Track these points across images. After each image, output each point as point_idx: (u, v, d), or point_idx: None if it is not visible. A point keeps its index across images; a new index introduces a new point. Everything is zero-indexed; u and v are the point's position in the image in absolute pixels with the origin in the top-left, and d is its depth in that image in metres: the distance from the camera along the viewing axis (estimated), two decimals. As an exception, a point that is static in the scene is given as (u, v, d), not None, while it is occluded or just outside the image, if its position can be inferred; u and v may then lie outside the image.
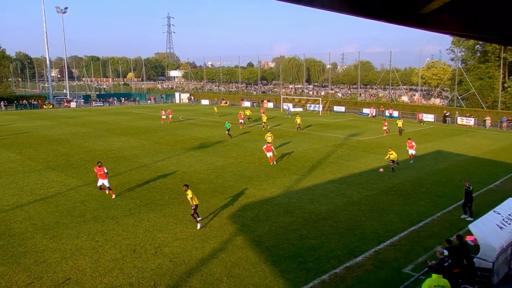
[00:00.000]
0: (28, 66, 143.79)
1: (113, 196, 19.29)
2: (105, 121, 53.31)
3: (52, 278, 11.69)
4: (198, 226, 15.57)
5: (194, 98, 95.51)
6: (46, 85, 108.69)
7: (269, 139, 29.32)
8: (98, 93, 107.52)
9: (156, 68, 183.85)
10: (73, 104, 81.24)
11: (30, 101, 78.67)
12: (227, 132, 38.13)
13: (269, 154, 26.48)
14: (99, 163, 19.50)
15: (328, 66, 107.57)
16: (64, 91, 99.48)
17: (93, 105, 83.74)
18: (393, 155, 24.10)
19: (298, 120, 43.84)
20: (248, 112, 53.33)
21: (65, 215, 16.83)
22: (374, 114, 58.70)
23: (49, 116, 60.02)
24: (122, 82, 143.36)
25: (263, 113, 48.39)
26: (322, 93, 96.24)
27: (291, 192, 20.36)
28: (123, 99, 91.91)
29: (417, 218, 16.75)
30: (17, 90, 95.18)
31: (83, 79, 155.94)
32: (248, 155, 29.71)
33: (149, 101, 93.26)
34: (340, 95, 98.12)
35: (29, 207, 17.92)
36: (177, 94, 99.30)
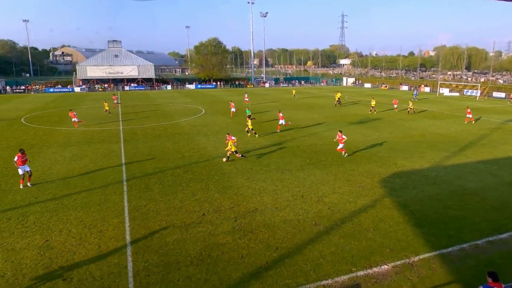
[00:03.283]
0: (239, 57, 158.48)
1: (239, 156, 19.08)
2: (288, 98, 55.62)
3: (246, 206, 13.15)
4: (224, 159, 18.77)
5: (359, 82, 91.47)
6: (249, 70, 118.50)
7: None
8: (284, 76, 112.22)
9: (329, 57, 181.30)
10: (267, 85, 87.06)
11: (239, 82, 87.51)
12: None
13: (340, 146, 19.88)
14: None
15: (491, 54, 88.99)
16: (261, 75, 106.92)
17: (281, 85, 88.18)
18: None
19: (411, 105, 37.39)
20: (339, 95, 46.26)
21: (256, 164, 18.50)
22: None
23: (251, 92, 65.63)
24: (303, 69, 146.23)
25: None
26: (482, 79, 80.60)
27: (439, 167, 18.03)
28: (302, 81, 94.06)
29: None
30: (231, 74, 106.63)
31: (275, 66, 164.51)
32: (401, 132, 27.32)
33: (322, 84, 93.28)
34: (501, 81, 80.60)
35: (234, 156, 20.25)
36: (344, 79, 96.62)
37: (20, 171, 15.24)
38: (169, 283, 8.62)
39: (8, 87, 72.04)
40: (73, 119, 29.78)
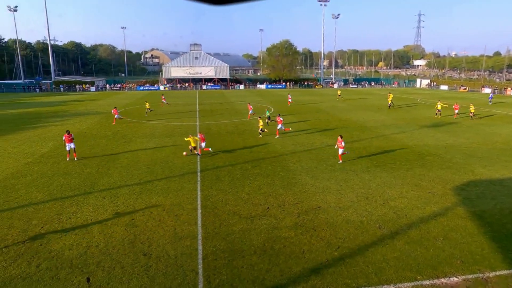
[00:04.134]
0: (309, 58, 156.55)
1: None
2: (356, 98, 53.46)
3: (309, 203, 12.99)
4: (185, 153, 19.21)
5: (434, 83, 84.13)
6: (318, 71, 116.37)
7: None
8: (354, 77, 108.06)
9: (402, 58, 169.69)
10: (335, 85, 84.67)
11: (307, 82, 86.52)
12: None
13: (341, 151, 18.22)
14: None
15: None
16: (330, 76, 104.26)
17: (349, 86, 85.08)
18: None
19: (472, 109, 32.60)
20: (391, 96, 42.51)
21: (321, 163, 18.14)
22: None
23: (318, 93, 64.50)
24: (373, 70, 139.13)
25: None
26: None
27: (525, 178, 15.82)
28: (372, 83, 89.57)
29: None
30: (300, 75, 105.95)
31: (345, 67, 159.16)
32: (481, 138, 24.48)
33: (393, 85, 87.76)
34: None
35: (299, 154, 20.11)
36: (418, 80, 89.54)
37: (67, 148, 18.54)
38: (234, 268, 8.91)
39: (107, 85, 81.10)
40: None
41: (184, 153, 19.59)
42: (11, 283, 8.38)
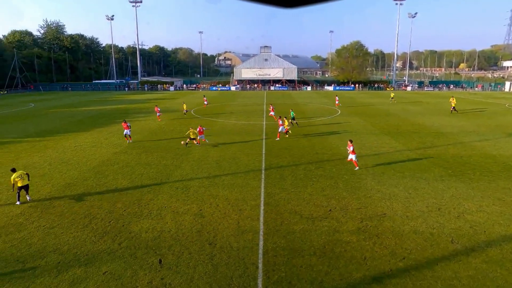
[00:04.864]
0: (380, 59, 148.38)
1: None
2: (432, 102, 49.15)
3: (374, 209, 12.33)
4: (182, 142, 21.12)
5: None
6: (390, 73, 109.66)
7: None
8: (430, 80, 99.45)
9: (489, 59, 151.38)
10: (408, 88, 78.87)
11: (378, 84, 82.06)
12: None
13: (351, 157, 16.92)
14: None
15: None
16: (403, 78, 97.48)
17: (425, 89, 78.53)
18: None
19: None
20: (454, 101, 37.64)
21: (388, 169, 17.02)
22: None
23: (389, 96, 60.85)
24: (453, 71, 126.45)
25: None
26: None
27: None
28: (451, 85, 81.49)
29: None
30: (370, 77, 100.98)
31: (420, 68, 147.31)
32: None
33: (476, 88, 78.71)
34: None
35: (366, 158, 19.12)
36: (507, 84, 78.84)
37: (124, 133, 23.05)
38: (293, 267, 8.87)
39: (184, 85, 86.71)
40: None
41: (182, 142, 22.13)
42: (98, 255, 9.45)
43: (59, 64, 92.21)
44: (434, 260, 9.10)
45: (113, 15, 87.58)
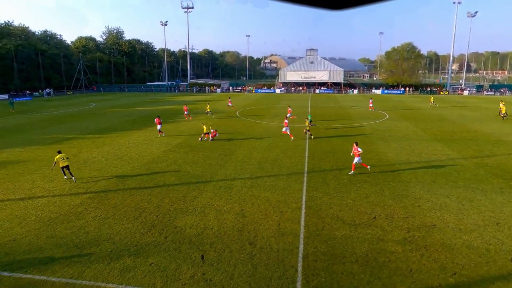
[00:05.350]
0: (434, 61, 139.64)
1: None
2: (492, 108, 45.10)
3: (422, 220, 11.61)
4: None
5: None
6: (445, 76, 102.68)
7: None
8: (491, 84, 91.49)
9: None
10: (465, 92, 73.25)
11: (430, 88, 77.22)
12: None
13: (356, 160, 16.36)
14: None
15: None
16: (460, 81, 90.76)
17: (484, 93, 72.38)
18: None
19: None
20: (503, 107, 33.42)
21: (440, 177, 15.97)
22: None
23: (443, 100, 56.99)
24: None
25: None
26: None
27: None
28: (515, 89, 74.19)
29: None
30: (422, 80, 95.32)
31: (479, 71, 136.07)
32: None
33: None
34: None
35: (415, 165, 18.11)
36: None
37: (158, 127, 26.18)
38: (333, 273, 8.63)
39: (230, 87, 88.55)
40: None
41: (200, 139, 24.31)
42: (146, 247, 9.96)
43: (117, 67, 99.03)
44: (490, 279, 8.34)
45: (166, 21, 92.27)
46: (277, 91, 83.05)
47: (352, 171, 16.50)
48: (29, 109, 48.05)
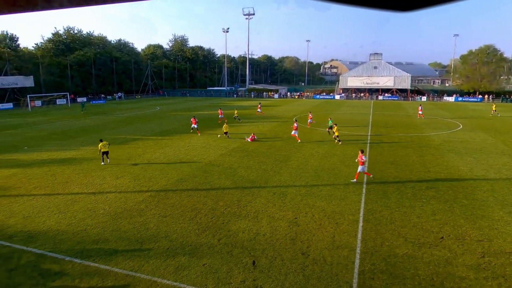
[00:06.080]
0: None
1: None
2: None
3: (501, 245, 10.36)
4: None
5: None
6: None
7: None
8: None
9: None
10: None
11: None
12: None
13: (360, 168, 16.16)
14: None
15: None
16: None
17: None
18: None
19: None
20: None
21: (525, 198, 14.14)
22: None
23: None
24: None
25: None
26: None
27: None
28: None
29: None
30: (505, 87, 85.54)
31: None
32: None
33: None
34: None
35: (493, 182, 16.33)
36: None
37: (192, 126, 29.88)
38: (392, 294, 8.09)
39: (288, 93, 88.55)
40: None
41: (219, 135, 27.05)
42: (200, 248, 10.35)
43: (181, 72, 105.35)
44: None
45: (228, 28, 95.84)
46: (337, 97, 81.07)
47: (355, 180, 16.36)
48: (103, 111, 53.28)
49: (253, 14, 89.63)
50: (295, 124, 26.74)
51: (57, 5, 0.90)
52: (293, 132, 26.50)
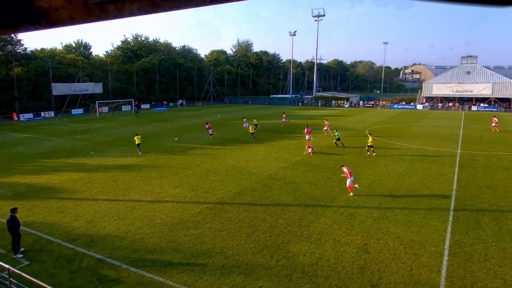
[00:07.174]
0: None
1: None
2: None
3: None
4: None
5: None
6: None
7: None
8: None
9: None
10: None
11: None
12: None
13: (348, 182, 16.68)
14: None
15: None
16: None
17: None
18: None
19: None
20: None
21: None
22: None
23: None
24: None
25: None
26: None
27: None
28: None
29: None
30: None
31: None
32: None
33: None
34: None
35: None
36: None
37: (209, 131, 33.82)
38: None
39: (361, 102, 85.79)
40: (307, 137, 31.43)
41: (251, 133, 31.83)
42: (256, 268, 10.40)
43: (243, 79, 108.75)
44: None
45: (295, 31, 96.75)
46: (419, 107, 76.31)
47: (351, 194, 16.82)
48: (165, 117, 57.17)
49: (323, 15, 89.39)
50: (309, 129, 30.39)
51: (127, 14, 0.99)
52: (307, 137, 29.04)
